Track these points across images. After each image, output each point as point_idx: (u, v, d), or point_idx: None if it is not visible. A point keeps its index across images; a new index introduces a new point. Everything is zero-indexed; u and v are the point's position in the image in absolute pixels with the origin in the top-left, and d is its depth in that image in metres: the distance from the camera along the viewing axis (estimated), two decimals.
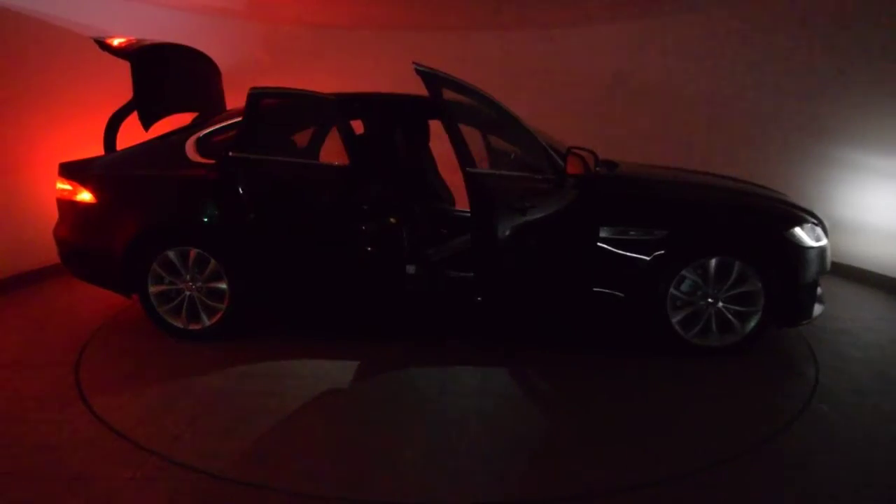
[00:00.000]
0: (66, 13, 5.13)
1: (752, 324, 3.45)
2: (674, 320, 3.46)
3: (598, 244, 3.39)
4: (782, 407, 2.99)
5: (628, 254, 3.39)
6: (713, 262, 3.40)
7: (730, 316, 3.46)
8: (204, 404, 2.94)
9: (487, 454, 2.58)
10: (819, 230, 3.61)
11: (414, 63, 2.69)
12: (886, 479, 2.42)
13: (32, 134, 4.93)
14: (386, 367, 3.39)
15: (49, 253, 4.13)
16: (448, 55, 7.30)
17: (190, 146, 3.66)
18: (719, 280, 3.43)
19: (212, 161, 3.59)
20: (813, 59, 5.38)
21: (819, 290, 3.67)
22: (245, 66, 6.75)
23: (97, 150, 3.94)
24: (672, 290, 3.42)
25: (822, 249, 3.55)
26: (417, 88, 3.35)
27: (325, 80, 6.83)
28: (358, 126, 4.29)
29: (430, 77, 3.08)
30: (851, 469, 2.47)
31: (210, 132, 3.74)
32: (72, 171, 3.79)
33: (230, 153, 3.35)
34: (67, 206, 3.81)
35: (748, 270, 3.39)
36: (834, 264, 4.13)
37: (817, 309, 3.61)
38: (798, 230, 3.44)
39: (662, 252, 3.38)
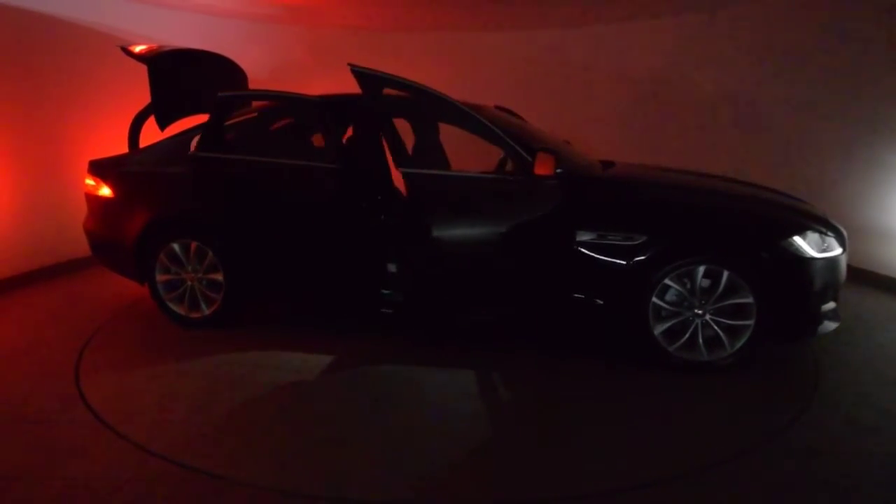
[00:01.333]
0: (118, 23, 5.58)
1: (744, 339, 3.20)
2: (656, 332, 3.26)
3: (576, 248, 3.27)
4: (743, 434, 2.73)
5: (606, 259, 3.25)
6: (700, 270, 3.19)
7: (718, 329, 3.23)
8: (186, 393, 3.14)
9: (424, 453, 2.56)
10: (831, 240, 3.29)
11: (349, 64, 2.70)
12: None
13: (79, 133, 5.39)
14: (357, 363, 3.45)
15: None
16: (486, 54, 7.29)
17: (194, 144, 3.90)
18: (706, 290, 3.22)
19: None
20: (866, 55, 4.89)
21: (831, 306, 3.34)
22: (289, 69, 7.07)
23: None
24: (654, 299, 3.24)
25: (830, 261, 3.24)
26: (459, 89, 3.32)
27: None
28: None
29: (364, 77, 3.02)
30: None
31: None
32: (96, 167, 4.14)
33: (192, 152, 3.49)
34: (92, 201, 4.17)
35: (738, 281, 3.15)
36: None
37: (827, 326, 3.30)
38: (797, 239, 3.15)
39: (643, 258, 3.21)
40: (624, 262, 3.23)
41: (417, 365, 3.41)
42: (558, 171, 3.13)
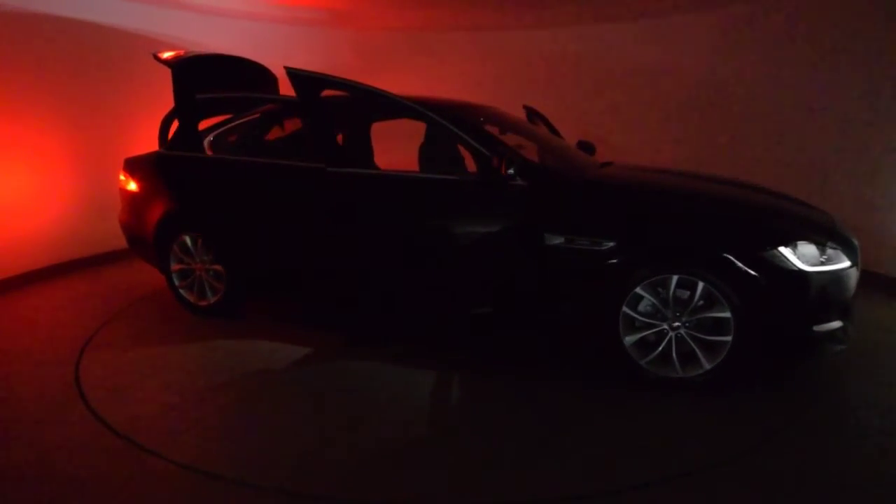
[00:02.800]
0: (174, 31, 6.04)
1: (721, 357, 2.95)
2: (627, 344, 3.09)
3: (545, 252, 3.15)
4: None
5: (575, 265, 3.11)
6: (673, 280, 2.98)
7: (693, 345, 3.01)
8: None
9: (361, 450, 2.60)
10: (834, 253, 2.96)
11: (285, 67, 2.74)
12: None
13: (138, 133, 5.90)
14: (330, 358, 3.54)
15: None
16: (531, 53, 7.16)
17: (206, 143, 4.16)
18: (681, 302, 3.00)
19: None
20: None
21: (832, 326, 3.00)
22: (336, 71, 7.31)
23: None
24: (625, 308, 3.06)
25: (829, 276, 2.92)
26: (506, 89, 3.26)
27: (413, 81, 7.16)
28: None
29: (298, 78, 2.97)
30: None
31: (224, 130, 4.20)
32: (128, 164, 4.53)
33: (159, 150, 3.64)
34: (123, 195, 4.56)
35: (715, 293, 2.91)
36: None
37: (828, 348, 2.98)
38: (784, 250, 2.86)
39: (611, 265, 3.05)
40: (592, 269, 3.08)
41: (389, 363, 3.44)
42: (510, 172, 3.03)
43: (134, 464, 2.49)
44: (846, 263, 3.01)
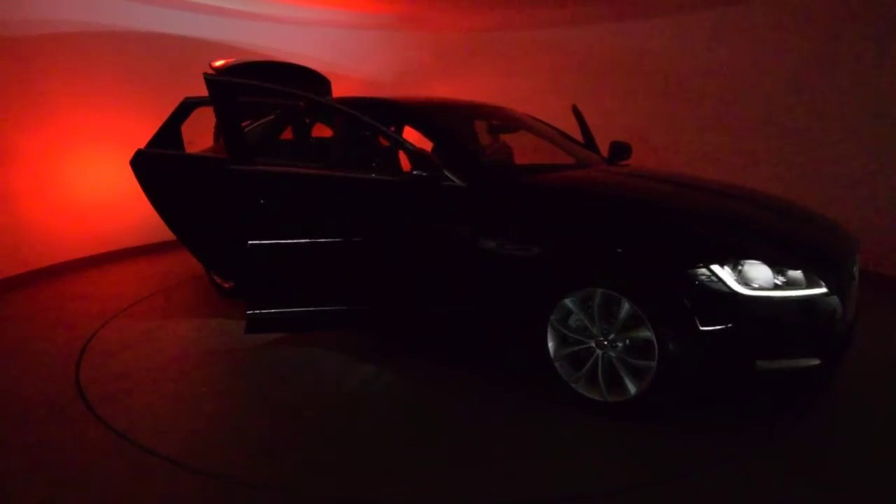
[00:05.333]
0: (262, 42, 6.71)
1: (647, 383, 2.64)
2: (554, 359, 2.89)
3: (478, 256, 3.03)
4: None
5: (506, 270, 2.97)
6: (598, 294, 2.73)
7: (618, 367, 2.72)
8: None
9: (306, 441, 2.67)
10: (798, 275, 2.51)
11: (204, 74, 2.88)
12: None
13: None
14: (297, 346, 3.76)
15: None
16: (605, 49, 6.76)
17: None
18: (607, 319, 2.74)
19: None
20: None
21: (806, 363, 2.53)
22: (414, 73, 7.56)
23: None
24: (553, 321, 2.87)
25: (785, 303, 2.48)
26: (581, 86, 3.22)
27: (489, 81, 7.20)
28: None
29: (215, 85, 2.90)
30: None
31: (248, 130, 4.61)
32: None
33: (140, 149, 3.87)
34: None
35: (639, 312, 2.61)
36: None
37: (803, 386, 2.56)
38: (717, 267, 2.47)
39: (539, 273, 2.87)
40: (521, 275, 2.93)
41: (345, 354, 3.58)
42: (415, 172, 2.94)
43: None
44: (818, 290, 2.52)
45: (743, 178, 5.62)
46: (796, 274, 2.52)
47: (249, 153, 2.84)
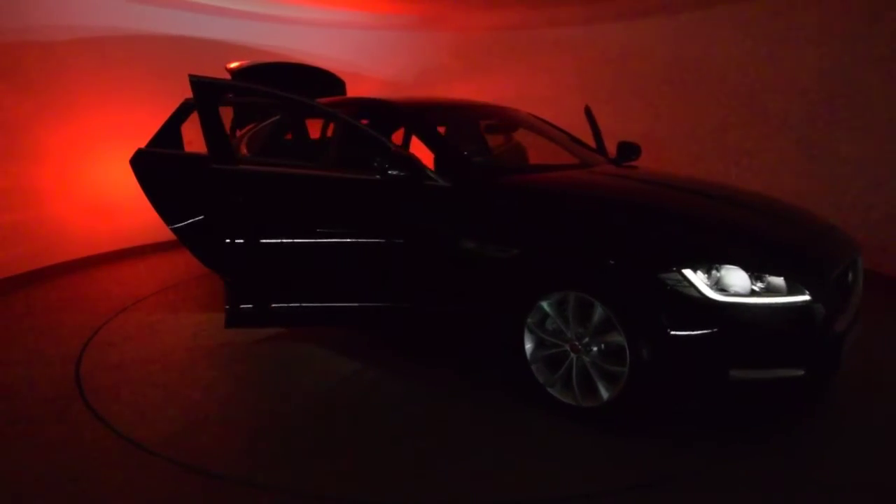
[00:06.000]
0: (290, 44, 6.84)
1: (619, 389, 2.57)
2: (530, 361, 2.84)
3: (461, 256, 3.02)
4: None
5: (486, 271, 2.94)
6: (571, 297, 2.68)
7: (591, 372, 2.66)
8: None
9: (284, 434, 2.74)
10: (774, 279, 2.40)
11: (189, 74, 2.94)
12: None
13: None
14: (291, 345, 3.82)
15: None
16: (628, 46, 6.61)
17: (243, 142, 4.72)
18: (581, 323, 2.68)
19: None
20: None
21: (789, 373, 2.43)
22: (436, 73, 7.57)
23: None
24: (530, 323, 2.82)
25: (761, 310, 2.38)
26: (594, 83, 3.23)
27: (510, 80, 7.17)
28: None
29: (199, 85, 2.95)
30: None
31: (256, 130, 4.72)
32: None
33: (140, 148, 3.93)
34: None
35: (611, 316, 2.55)
36: None
37: (788, 396, 2.46)
38: (688, 272, 2.38)
39: (517, 274, 2.83)
40: (499, 277, 2.90)
41: (335, 351, 3.62)
42: (391, 172, 2.94)
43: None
44: (800, 298, 2.40)
45: (774, 176, 5.45)
46: (777, 280, 2.41)
47: (230, 152, 2.91)
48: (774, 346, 2.43)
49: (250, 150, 4.57)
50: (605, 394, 2.62)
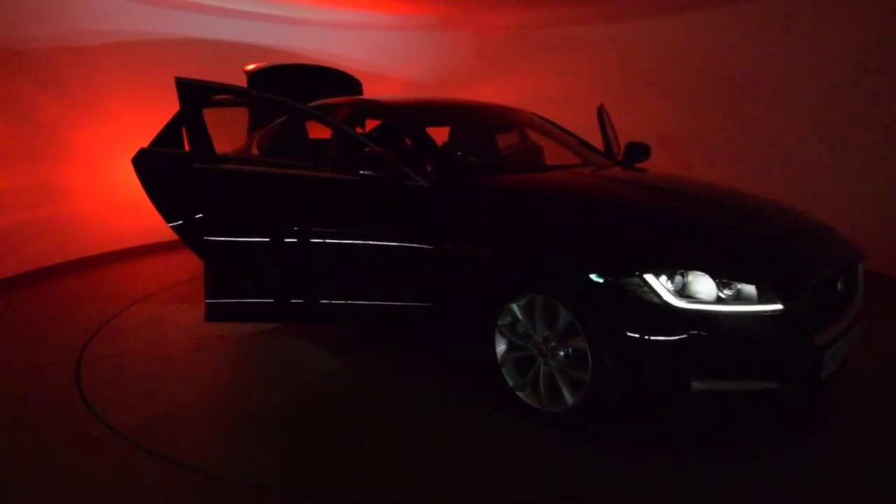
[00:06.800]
0: (303, 43, 6.97)
1: (582, 394, 2.52)
2: (501, 364, 2.82)
3: (440, 257, 3.01)
4: None
5: (461, 271, 2.94)
6: (539, 301, 2.64)
7: (557, 377, 2.62)
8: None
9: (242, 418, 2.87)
10: (744, 287, 2.31)
11: (176, 77, 3.01)
12: None
13: None
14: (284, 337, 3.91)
15: None
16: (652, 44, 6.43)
17: (254, 142, 4.85)
18: (548, 326, 2.64)
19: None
20: None
21: (760, 386, 2.35)
22: (459, 73, 7.57)
23: None
24: (501, 325, 2.80)
25: (727, 318, 2.29)
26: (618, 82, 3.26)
27: (532, 79, 7.13)
28: None
29: (184, 87, 2.99)
30: None
31: (266, 130, 4.84)
32: None
33: (143, 148, 3.83)
34: None
35: (575, 321, 2.50)
36: None
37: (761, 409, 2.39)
38: (651, 278, 2.31)
39: (489, 276, 2.82)
40: (472, 278, 2.89)
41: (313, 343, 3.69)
42: (362, 172, 2.93)
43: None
44: (771, 307, 2.30)
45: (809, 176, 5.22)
46: (747, 288, 2.32)
47: (210, 152, 3.00)
48: (742, 357, 2.34)
49: (260, 149, 4.70)
50: (569, 399, 2.58)
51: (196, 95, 2.97)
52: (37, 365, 3.48)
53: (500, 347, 2.83)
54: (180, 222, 4.02)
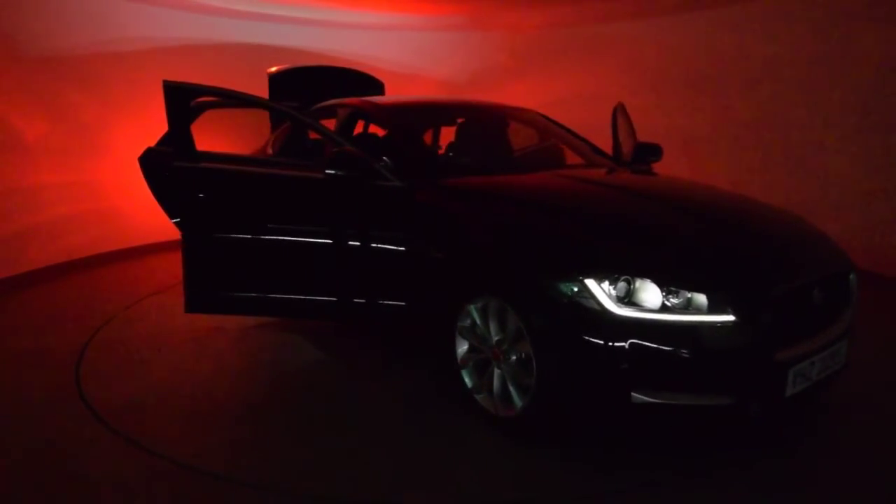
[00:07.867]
0: (336, 45, 7.12)
1: (528, 400, 2.45)
2: (460, 365, 2.80)
3: (409, 257, 3.01)
4: None
5: (422, 272, 2.94)
6: (492, 303, 2.60)
7: (508, 381, 2.57)
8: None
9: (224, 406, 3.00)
10: (694, 296, 2.19)
11: (164, 80, 3.11)
12: None
13: None
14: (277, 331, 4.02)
15: None
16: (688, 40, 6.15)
17: (269, 142, 5.01)
18: (502, 329, 2.59)
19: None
20: None
21: (714, 401, 2.22)
22: (491, 73, 7.52)
23: None
24: (461, 326, 2.78)
25: (670, 327, 2.18)
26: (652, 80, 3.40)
27: (565, 78, 7.03)
28: None
29: (170, 89, 3.07)
30: None
31: (279, 131, 4.98)
32: None
33: (150, 147, 3.82)
34: None
35: (521, 325, 2.44)
36: None
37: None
38: (592, 283, 2.22)
39: (445, 277, 2.81)
40: (435, 278, 2.88)
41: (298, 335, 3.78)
42: (328, 171, 2.94)
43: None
44: (722, 317, 2.16)
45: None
46: (698, 297, 2.19)
47: (192, 151, 3.12)
48: (689, 371, 2.21)
49: (273, 149, 4.85)
50: (518, 404, 2.53)
51: (182, 97, 3.11)
52: (46, 346, 3.74)
53: (461, 348, 2.81)
54: (178, 219, 4.24)
